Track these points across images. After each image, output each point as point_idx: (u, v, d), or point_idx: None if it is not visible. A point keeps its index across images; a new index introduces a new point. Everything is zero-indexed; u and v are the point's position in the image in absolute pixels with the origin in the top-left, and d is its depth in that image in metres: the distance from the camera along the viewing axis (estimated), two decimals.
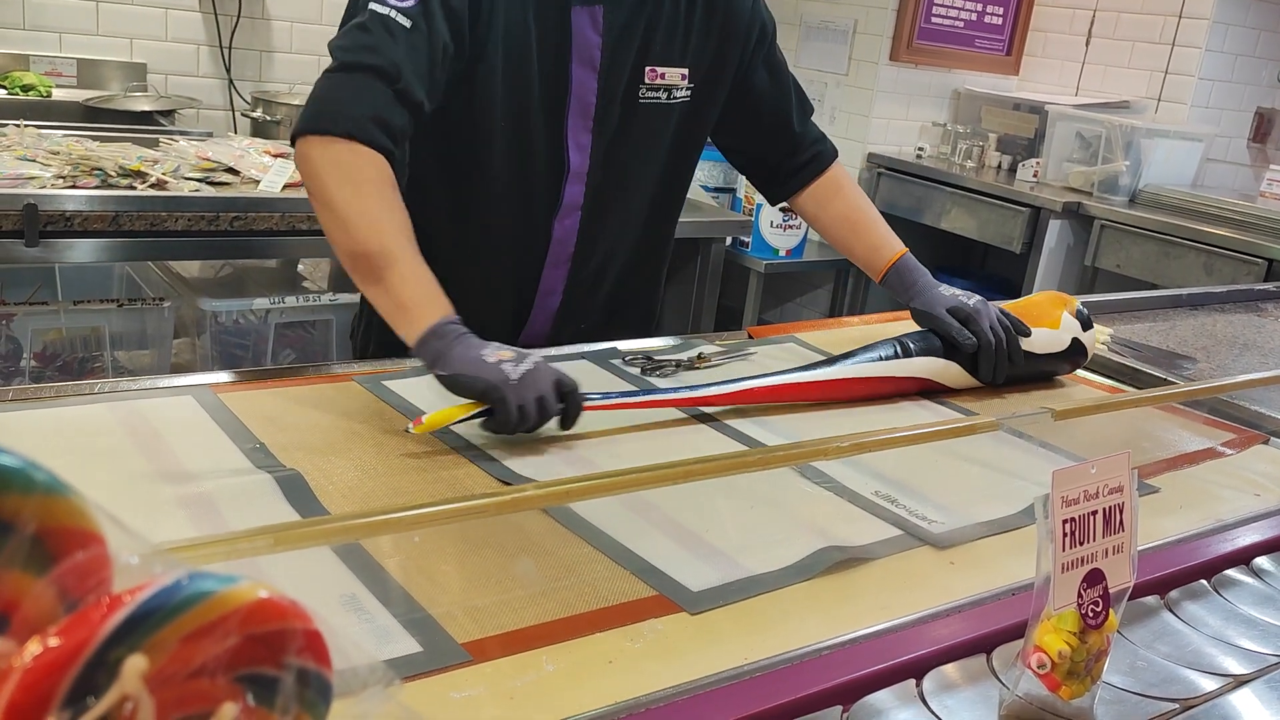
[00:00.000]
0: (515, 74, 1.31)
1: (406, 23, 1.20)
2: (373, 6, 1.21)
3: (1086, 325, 1.48)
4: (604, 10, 1.32)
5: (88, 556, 0.32)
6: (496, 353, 1.07)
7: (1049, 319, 1.46)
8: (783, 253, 3.80)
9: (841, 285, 4.07)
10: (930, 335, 1.39)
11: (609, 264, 1.49)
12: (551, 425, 1.09)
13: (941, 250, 3.85)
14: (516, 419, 1.05)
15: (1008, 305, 1.48)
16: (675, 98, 1.41)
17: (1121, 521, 0.75)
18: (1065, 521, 0.71)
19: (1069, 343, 1.46)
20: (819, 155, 1.56)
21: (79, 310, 2.08)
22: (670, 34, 1.38)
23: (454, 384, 1.07)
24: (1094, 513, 0.73)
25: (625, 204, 1.46)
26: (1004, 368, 1.39)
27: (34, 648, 0.31)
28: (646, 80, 1.38)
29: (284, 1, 3.71)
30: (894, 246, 1.51)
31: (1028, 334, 1.42)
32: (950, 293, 1.44)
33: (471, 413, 1.05)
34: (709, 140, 1.54)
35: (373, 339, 1.53)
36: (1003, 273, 3.98)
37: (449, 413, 1.05)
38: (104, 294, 2.36)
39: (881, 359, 1.33)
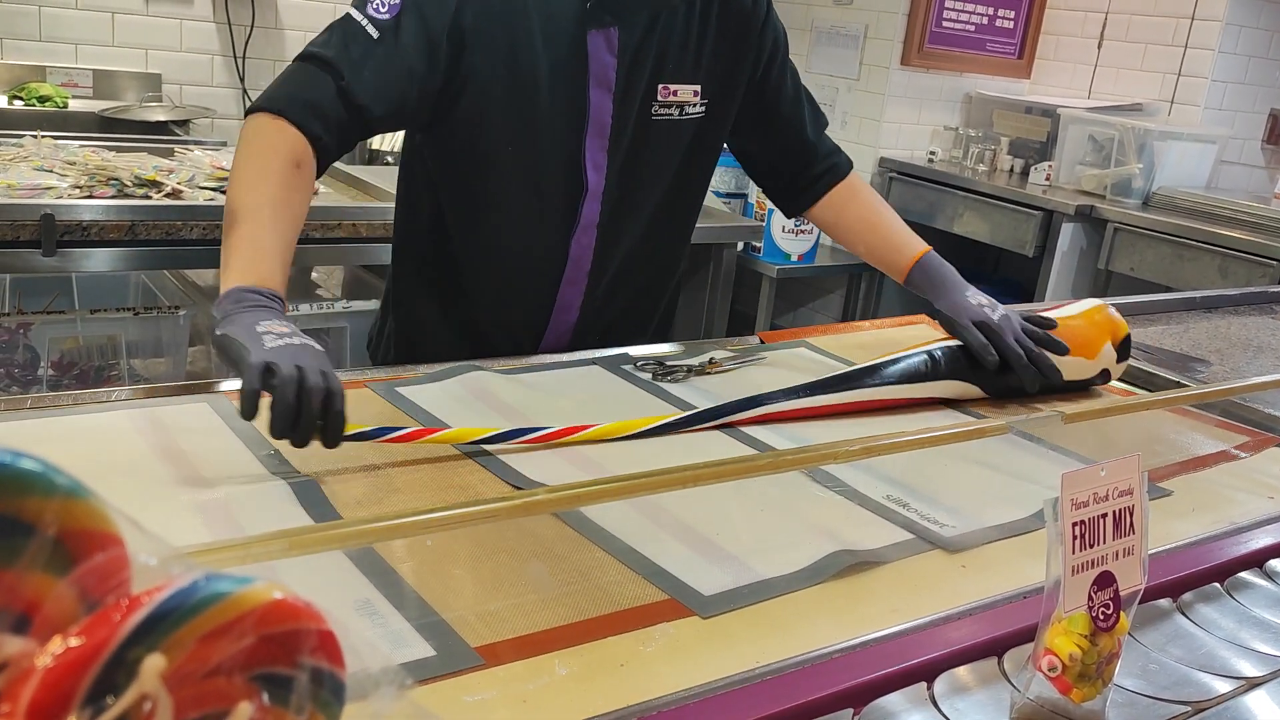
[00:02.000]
0: (521, 98, 1.32)
1: (374, 33, 1.24)
2: (350, 12, 1.27)
3: (1124, 355, 1.45)
4: (619, 31, 1.34)
5: (107, 558, 0.33)
6: (270, 325, 1.01)
7: (1088, 348, 1.42)
8: (795, 258, 3.80)
9: (854, 290, 4.07)
10: (959, 351, 1.36)
11: (624, 278, 1.50)
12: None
13: (954, 254, 3.80)
14: (257, 372, 0.94)
15: (1058, 316, 1.44)
16: (688, 114, 1.42)
17: (1132, 524, 0.75)
18: (1075, 524, 0.71)
19: (1097, 372, 1.45)
20: (834, 168, 1.56)
21: (95, 319, 2.10)
22: (682, 51, 1.39)
23: (219, 344, 1.03)
24: (1104, 515, 0.73)
25: (640, 219, 1.46)
26: (1036, 381, 1.36)
27: (55, 647, 0.31)
28: (659, 98, 1.39)
29: (296, 11, 3.74)
30: (916, 246, 1.50)
31: (1064, 351, 1.38)
32: (976, 302, 1.41)
33: (363, 430, 1.02)
34: (724, 146, 1.55)
35: (391, 350, 1.54)
36: (1016, 276, 3.97)
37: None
38: (120, 303, 2.37)
39: (907, 378, 1.31)
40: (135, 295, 2.40)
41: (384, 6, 1.25)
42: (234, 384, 1.21)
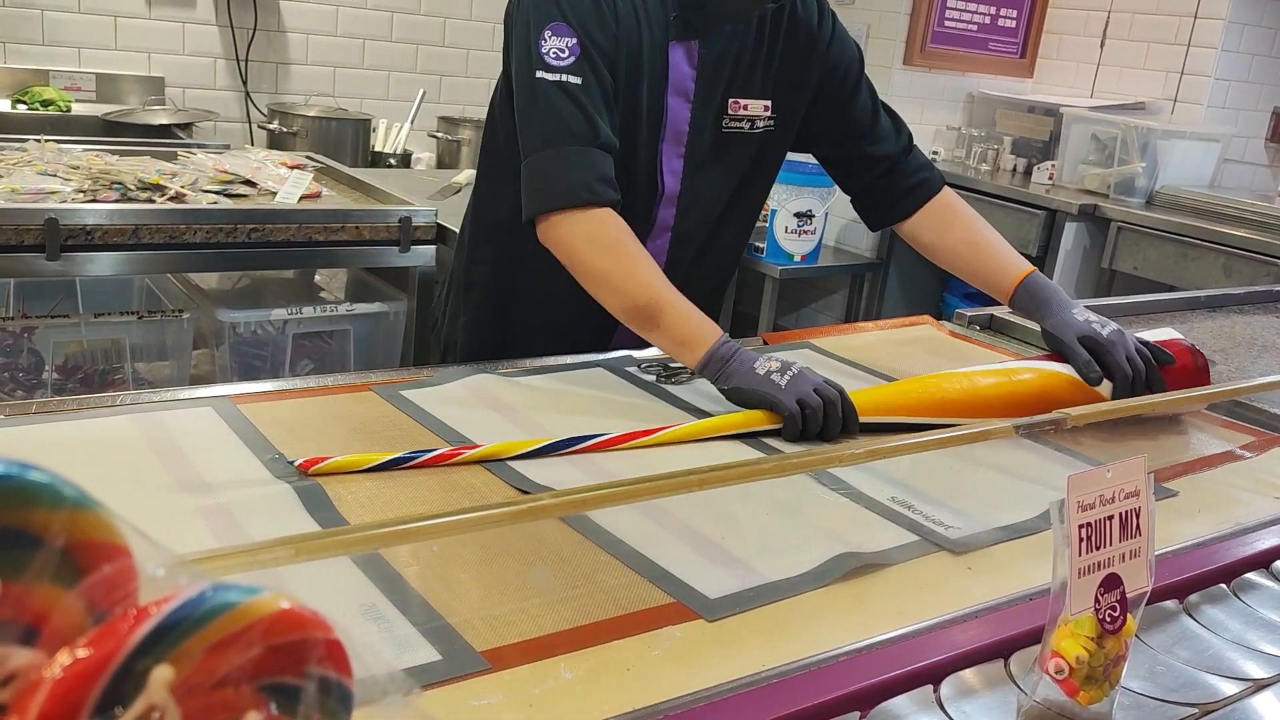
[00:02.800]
0: (627, 103, 1.38)
1: (578, 80, 1.30)
2: (541, 75, 1.30)
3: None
4: (699, 45, 1.40)
5: (115, 569, 0.33)
6: (765, 364, 1.21)
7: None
8: (797, 258, 3.79)
9: (857, 291, 4.07)
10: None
11: (692, 279, 1.52)
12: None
13: None
14: (799, 415, 1.17)
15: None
16: (757, 128, 1.48)
17: (1138, 526, 0.75)
18: (1081, 526, 0.71)
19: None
20: (924, 183, 1.54)
21: (99, 323, 2.10)
22: (754, 67, 1.45)
23: (736, 396, 1.23)
24: (1110, 517, 0.73)
25: (708, 225, 1.52)
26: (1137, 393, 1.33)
27: (63, 659, 0.31)
28: (730, 111, 1.45)
29: (299, 14, 3.74)
30: (1020, 266, 1.46)
31: (1171, 362, 1.35)
32: (1084, 318, 1.36)
33: (375, 463, 1.02)
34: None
35: (458, 333, 1.60)
36: None
37: (350, 460, 1.01)
38: (124, 306, 2.38)
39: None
40: (139, 299, 2.40)
41: (565, 50, 1.30)
42: (238, 388, 1.21)
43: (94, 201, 1.97)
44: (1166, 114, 3.79)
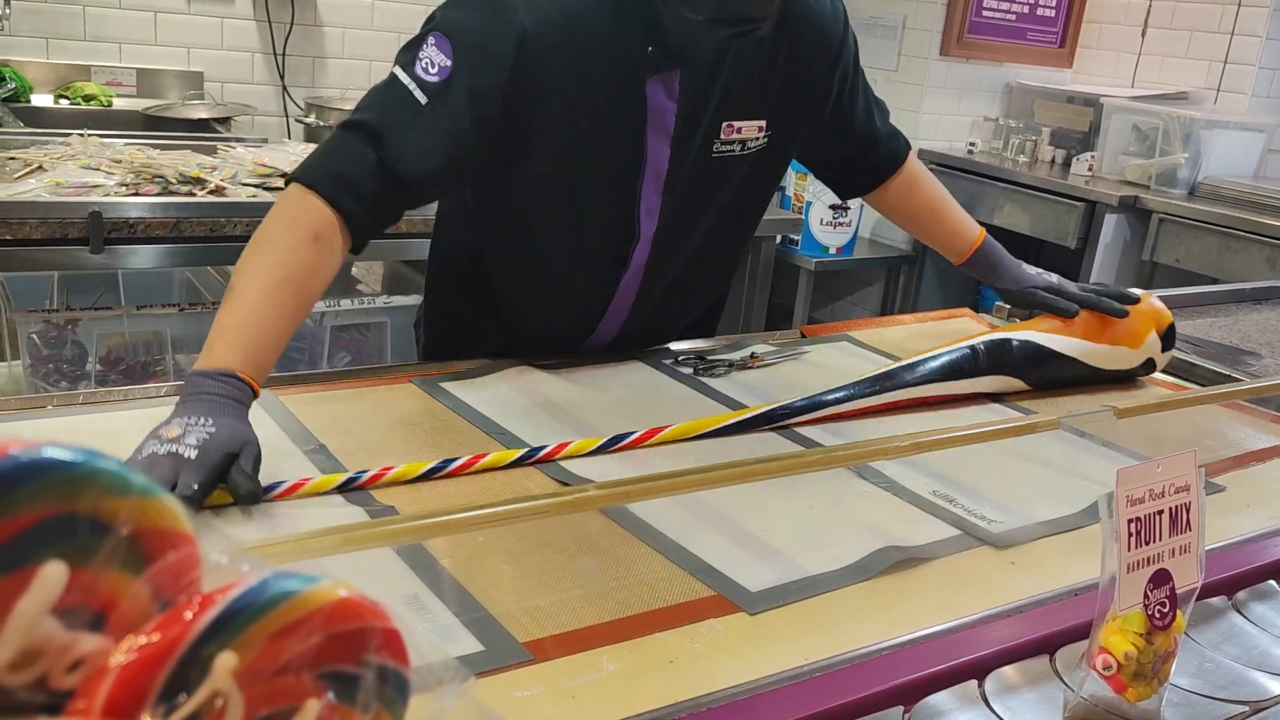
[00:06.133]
0: (575, 151, 1.24)
1: (422, 98, 1.16)
2: (396, 72, 1.19)
3: (1168, 344, 1.45)
4: (680, 75, 1.24)
5: (179, 556, 0.33)
6: (170, 427, 0.93)
7: (1132, 338, 1.42)
8: (833, 250, 3.78)
9: (893, 283, 4.04)
10: (1002, 345, 1.35)
11: (668, 303, 1.44)
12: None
13: None
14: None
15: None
16: (750, 148, 1.33)
17: (1188, 521, 0.74)
18: (1130, 521, 0.70)
19: (1142, 362, 1.44)
20: (893, 154, 1.53)
21: (142, 315, 2.13)
22: (749, 87, 1.29)
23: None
24: (1160, 512, 0.72)
25: (692, 246, 1.39)
26: (1124, 309, 1.43)
27: (130, 644, 0.32)
28: (722, 135, 1.30)
29: (336, 8, 3.76)
30: (975, 230, 1.56)
31: (1124, 314, 1.43)
32: (1035, 271, 1.51)
33: (328, 488, 0.96)
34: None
35: (435, 336, 1.53)
36: (1058, 269, 3.92)
37: (318, 483, 0.96)
38: (165, 298, 2.40)
39: (952, 374, 1.31)
40: (179, 291, 2.43)
41: (433, 68, 1.17)
42: (279, 379, 1.22)
43: (136, 195, 2.00)
44: (1209, 104, 3.73)
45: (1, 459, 0.31)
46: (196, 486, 0.88)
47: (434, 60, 1.17)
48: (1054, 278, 1.50)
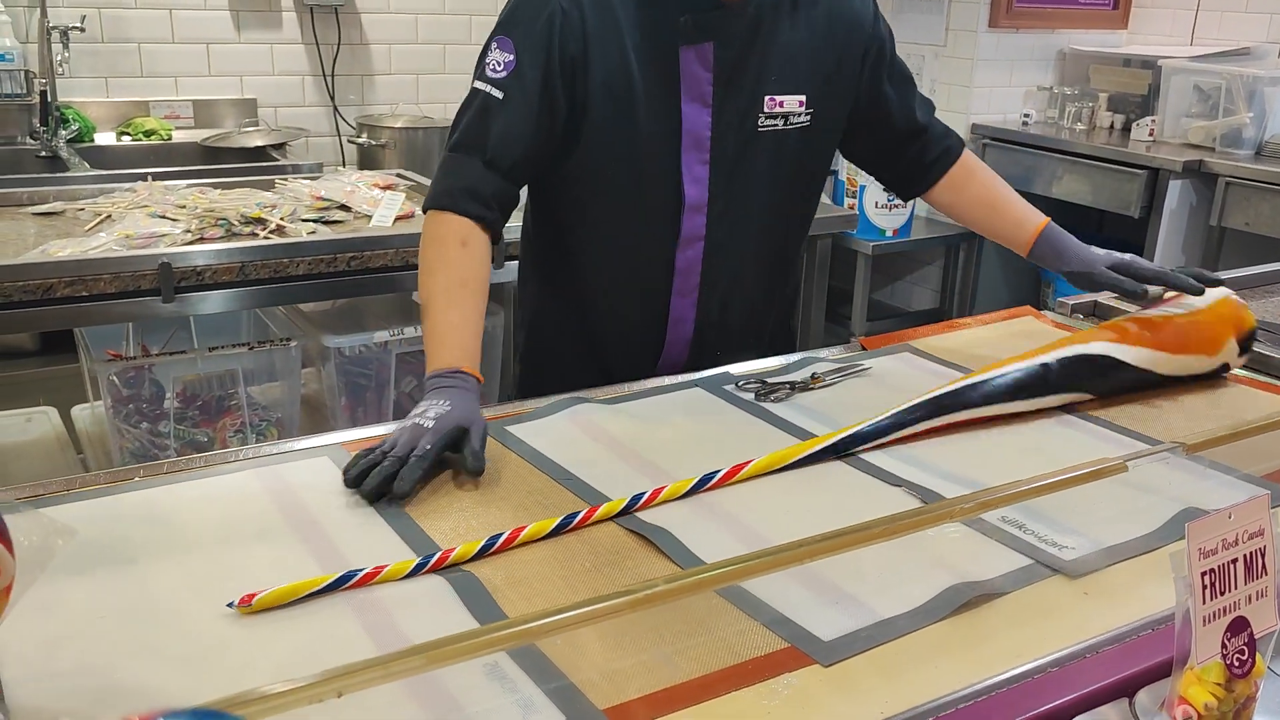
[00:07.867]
0: (620, 116, 1.37)
1: (499, 94, 1.35)
2: (475, 84, 1.38)
3: (1246, 349, 1.42)
4: (714, 47, 1.37)
5: None
6: (416, 410, 1.17)
7: (1209, 345, 1.39)
8: (889, 233, 3.74)
9: (952, 262, 3.99)
10: (1073, 364, 1.33)
11: (737, 289, 1.52)
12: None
13: (1055, 220, 3.72)
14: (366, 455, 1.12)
15: (1185, 312, 1.41)
16: (793, 123, 1.45)
17: (1264, 566, 0.73)
18: (1204, 573, 0.70)
19: (1216, 367, 1.41)
20: (947, 150, 1.58)
21: (215, 356, 2.19)
22: (785, 62, 1.42)
23: None
24: (1234, 561, 0.72)
25: (749, 230, 1.49)
26: (1201, 287, 1.43)
27: None
28: (765, 109, 1.42)
29: (381, 26, 3.80)
30: (1036, 218, 1.55)
31: (1199, 292, 1.43)
32: (1103, 253, 1.50)
33: (308, 590, 0.91)
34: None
35: (520, 368, 1.65)
36: (1122, 239, 3.83)
37: (284, 591, 0.90)
38: (234, 334, 2.47)
39: (1017, 392, 1.29)
40: (248, 329, 2.49)
41: (500, 66, 1.35)
42: (347, 435, 1.25)
43: (201, 240, 2.05)
44: (1273, 59, 3.60)
45: None
46: (430, 446, 1.11)
47: (500, 60, 1.36)
48: (1125, 256, 1.48)
